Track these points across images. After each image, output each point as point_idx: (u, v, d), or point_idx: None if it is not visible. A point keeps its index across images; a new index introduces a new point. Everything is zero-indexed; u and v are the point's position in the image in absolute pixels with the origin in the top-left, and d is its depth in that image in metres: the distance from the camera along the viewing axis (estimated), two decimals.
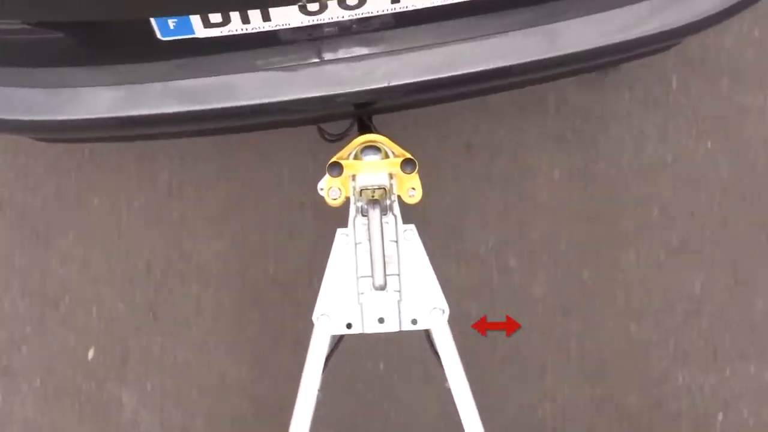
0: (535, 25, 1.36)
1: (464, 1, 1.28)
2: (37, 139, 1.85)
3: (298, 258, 2.00)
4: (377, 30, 1.34)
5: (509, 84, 1.55)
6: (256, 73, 1.36)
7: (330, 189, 1.40)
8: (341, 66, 1.36)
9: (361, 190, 1.39)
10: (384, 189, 1.40)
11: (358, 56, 1.36)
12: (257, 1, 1.24)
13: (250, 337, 2.00)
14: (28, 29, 1.28)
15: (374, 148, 1.41)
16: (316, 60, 1.36)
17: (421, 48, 1.36)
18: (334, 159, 1.39)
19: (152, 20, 1.26)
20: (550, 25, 1.36)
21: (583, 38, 1.38)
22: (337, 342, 1.44)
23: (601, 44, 1.38)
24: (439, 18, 1.34)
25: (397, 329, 1.37)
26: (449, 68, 1.36)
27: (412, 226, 1.38)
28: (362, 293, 1.37)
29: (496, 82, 1.47)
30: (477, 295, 1.99)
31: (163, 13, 1.25)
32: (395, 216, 1.38)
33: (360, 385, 1.97)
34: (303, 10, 1.27)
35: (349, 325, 1.38)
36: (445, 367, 1.38)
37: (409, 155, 1.39)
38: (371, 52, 1.36)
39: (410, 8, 1.29)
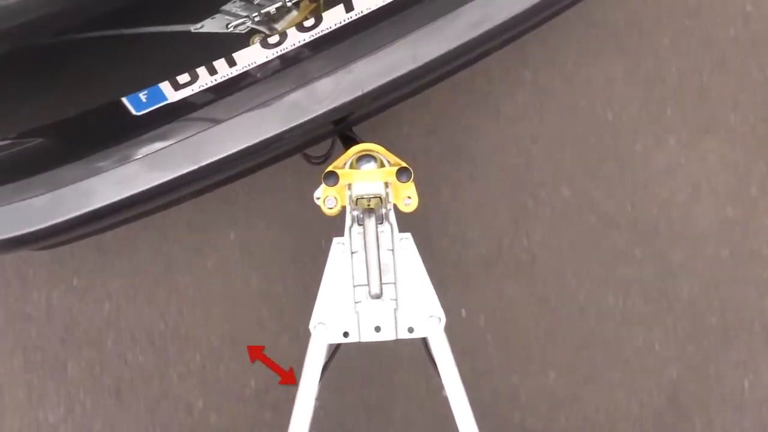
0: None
1: None
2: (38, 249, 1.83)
3: None
4: (339, 42, 1.35)
5: (470, 59, 1.58)
6: (237, 118, 1.38)
7: (326, 198, 1.41)
8: (315, 86, 1.38)
9: (357, 199, 1.40)
10: (380, 198, 1.40)
11: (327, 73, 1.38)
12: (221, 50, 1.26)
13: None
14: (9, 143, 1.30)
15: (370, 157, 1.42)
16: (290, 87, 1.37)
17: (384, 47, 1.38)
18: (330, 168, 1.40)
19: (123, 100, 1.28)
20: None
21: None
22: (334, 351, 1.44)
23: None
24: (393, 13, 1.36)
25: (393, 338, 1.38)
26: (415, 60, 1.39)
27: (408, 235, 1.39)
28: (359, 302, 1.37)
29: (459, 61, 1.49)
30: None
31: (132, 90, 1.27)
32: (391, 225, 1.39)
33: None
34: (265, 44, 1.29)
35: (345, 334, 1.38)
36: (441, 375, 1.38)
37: (404, 164, 1.40)
38: (338, 65, 1.38)
39: (365, 12, 1.31)
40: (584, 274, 2.01)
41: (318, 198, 1.41)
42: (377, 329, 1.37)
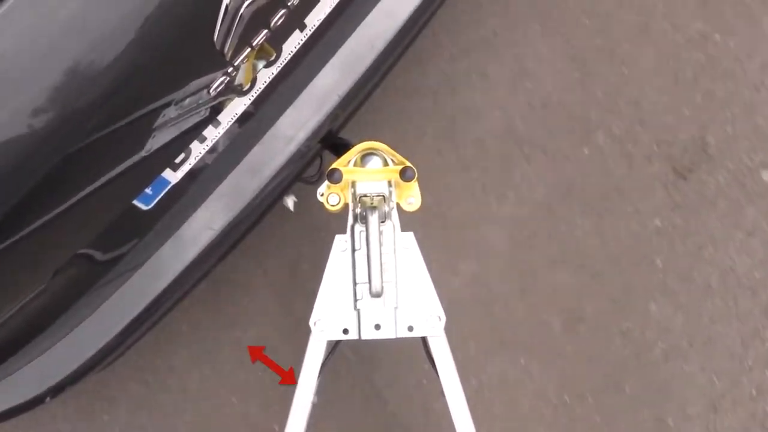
0: None
1: None
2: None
3: None
4: (303, 61, 1.40)
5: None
6: (241, 163, 1.41)
7: (329, 195, 1.41)
8: (297, 107, 1.42)
9: (360, 197, 1.40)
10: (383, 196, 1.40)
11: (300, 92, 1.42)
12: (203, 123, 1.33)
13: None
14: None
15: (374, 156, 1.42)
16: (276, 120, 1.42)
17: (341, 47, 1.43)
18: (334, 165, 1.40)
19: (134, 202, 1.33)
20: None
21: None
22: (333, 348, 1.44)
23: None
24: (338, 16, 1.41)
25: (393, 336, 1.38)
26: (374, 46, 1.45)
27: (410, 234, 1.39)
28: (359, 299, 1.37)
29: (409, 35, 1.54)
30: None
31: (139, 190, 1.32)
32: (393, 223, 1.39)
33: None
34: (240, 93, 1.35)
35: (345, 331, 1.38)
36: (440, 375, 1.39)
37: (408, 163, 1.40)
38: (309, 81, 1.42)
39: (316, 25, 1.38)
40: None
41: (321, 195, 1.42)
42: (377, 327, 1.38)
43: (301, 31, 1.37)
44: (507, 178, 2.01)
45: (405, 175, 1.39)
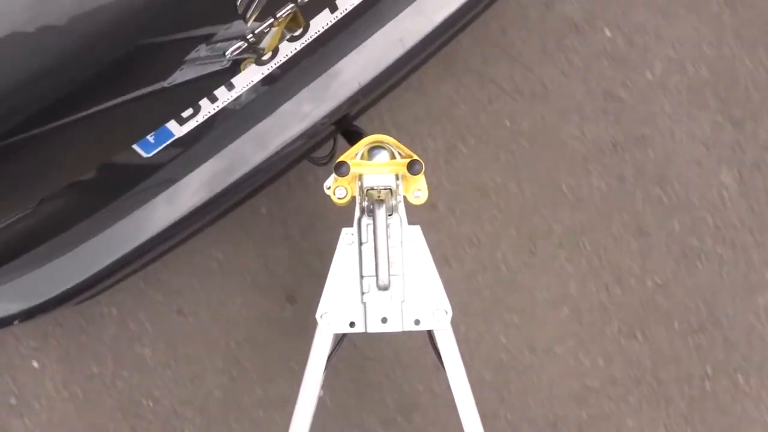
0: None
1: None
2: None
3: None
4: (330, 43, 1.37)
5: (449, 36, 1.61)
6: (245, 135, 1.40)
7: (336, 188, 1.41)
8: (314, 90, 1.40)
9: (367, 190, 1.40)
10: (390, 189, 1.40)
11: (323, 74, 1.40)
12: (220, 78, 1.29)
13: None
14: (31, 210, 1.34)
15: (381, 149, 1.42)
16: (290, 96, 1.40)
17: (370, 38, 1.40)
18: (341, 158, 1.40)
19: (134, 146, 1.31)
20: None
21: None
22: (339, 341, 1.44)
23: None
24: (373, 4, 1.39)
25: (399, 329, 1.38)
26: (402, 45, 1.42)
27: (417, 227, 1.39)
28: (366, 293, 1.37)
29: (445, 36, 1.52)
30: None
31: (140, 136, 1.30)
32: (400, 217, 1.39)
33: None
34: (259, 62, 1.32)
35: (352, 324, 1.38)
36: (446, 369, 1.39)
37: (416, 156, 1.40)
38: (332, 64, 1.40)
39: (348, 9, 1.34)
40: None
41: (328, 188, 1.41)
42: (384, 320, 1.38)
43: (332, 12, 1.33)
44: None
45: (412, 168, 1.39)
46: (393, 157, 1.42)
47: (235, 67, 1.30)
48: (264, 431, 1.95)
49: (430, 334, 1.41)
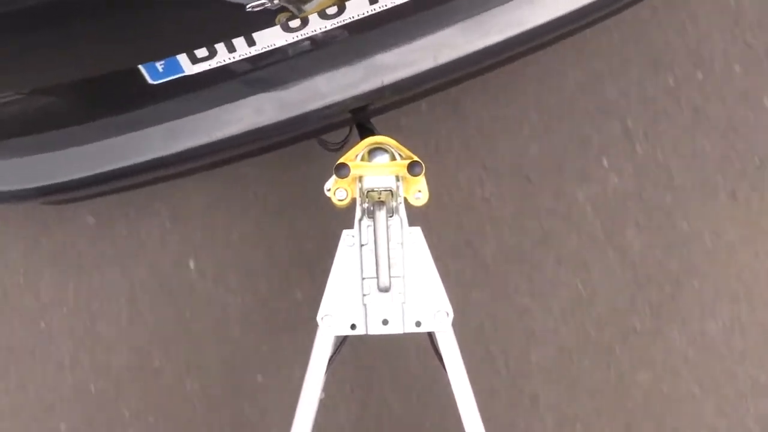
0: None
1: None
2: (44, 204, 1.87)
3: None
4: (360, 33, 1.35)
5: (505, 59, 1.54)
6: (253, 97, 1.38)
7: (337, 190, 1.41)
8: (333, 74, 1.38)
9: (368, 191, 1.40)
10: (390, 191, 1.40)
11: (347, 62, 1.37)
12: (243, 26, 1.26)
13: None
14: (21, 98, 1.34)
15: (381, 150, 1.41)
16: (307, 74, 1.38)
17: (406, 42, 1.37)
18: (341, 160, 1.40)
19: (140, 67, 1.29)
20: None
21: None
22: (341, 343, 1.44)
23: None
24: (418, 9, 1.34)
25: (401, 331, 1.38)
26: (435, 58, 1.38)
27: (417, 229, 1.39)
28: (366, 294, 1.37)
29: (481, 64, 1.47)
30: None
31: (150, 58, 1.28)
32: (401, 218, 1.39)
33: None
34: (286, 28, 1.29)
35: (353, 326, 1.38)
36: (448, 371, 1.38)
37: (416, 158, 1.40)
38: (358, 55, 1.37)
39: (389, 5, 1.30)
40: None
41: (328, 190, 1.41)
42: (385, 322, 1.37)
43: (371, 3, 1.29)
44: None
45: (413, 169, 1.38)
46: (393, 158, 1.41)
47: (261, 21, 1.26)
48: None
49: (430, 335, 1.40)
